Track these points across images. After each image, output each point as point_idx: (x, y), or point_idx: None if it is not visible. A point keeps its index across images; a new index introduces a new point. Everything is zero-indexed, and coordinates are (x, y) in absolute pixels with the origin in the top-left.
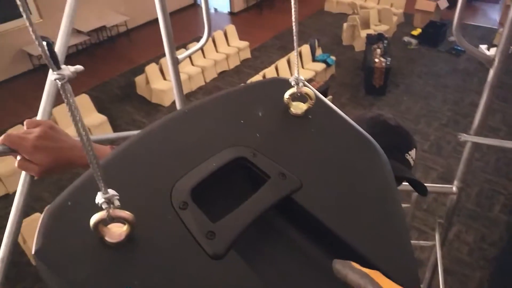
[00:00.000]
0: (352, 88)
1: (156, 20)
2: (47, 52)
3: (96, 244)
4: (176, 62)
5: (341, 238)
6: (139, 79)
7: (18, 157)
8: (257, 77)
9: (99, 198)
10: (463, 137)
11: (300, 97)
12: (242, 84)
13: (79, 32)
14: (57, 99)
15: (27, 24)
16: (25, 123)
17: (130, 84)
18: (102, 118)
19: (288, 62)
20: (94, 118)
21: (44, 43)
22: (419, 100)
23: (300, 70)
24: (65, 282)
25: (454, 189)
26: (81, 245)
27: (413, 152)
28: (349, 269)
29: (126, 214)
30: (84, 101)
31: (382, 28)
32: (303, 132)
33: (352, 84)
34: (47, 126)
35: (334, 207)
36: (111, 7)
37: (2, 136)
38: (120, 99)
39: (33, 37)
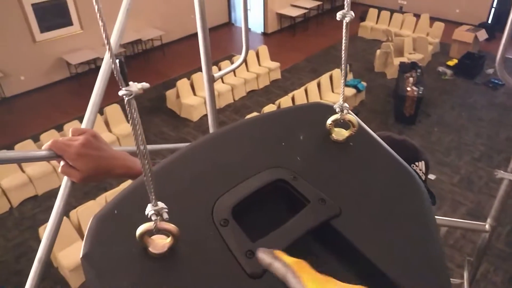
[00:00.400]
0: (381, 115)
1: (190, 36)
2: (118, 69)
3: (140, 254)
4: (211, 80)
5: (378, 267)
6: (170, 93)
7: (62, 163)
8: (286, 98)
9: (149, 210)
10: (500, 174)
11: (342, 123)
12: (285, 107)
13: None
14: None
15: (105, 42)
16: (70, 130)
17: (161, 97)
18: (130, 128)
19: (318, 85)
20: (123, 128)
21: (117, 60)
22: (450, 132)
23: (329, 94)
24: (108, 287)
25: (487, 227)
26: (125, 253)
27: (421, 165)
28: (273, 259)
29: (171, 227)
30: (115, 111)
31: (416, 56)
32: (344, 159)
33: (381, 111)
34: (91, 134)
35: (372, 235)
36: (148, 21)
37: (50, 142)
38: (150, 111)
39: (108, 55)
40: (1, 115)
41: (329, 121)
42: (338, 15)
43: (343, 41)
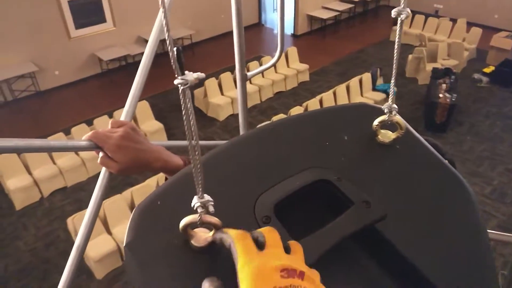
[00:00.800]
0: (411, 121)
1: (219, 36)
2: (175, 57)
3: (181, 245)
4: (244, 79)
5: (426, 276)
6: (198, 92)
7: (101, 154)
8: (314, 101)
9: (195, 202)
10: None
11: (388, 125)
12: (330, 106)
13: (146, 41)
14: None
15: (165, 31)
16: (110, 122)
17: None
18: (158, 125)
19: (348, 88)
20: (151, 125)
21: (174, 49)
22: (484, 142)
23: (358, 98)
24: (148, 276)
25: None
26: (167, 244)
27: None
28: (221, 233)
29: (216, 220)
30: (143, 108)
31: (451, 62)
32: (389, 161)
33: (411, 118)
34: (130, 127)
35: (419, 242)
36: (178, 20)
37: (91, 133)
38: (177, 109)
39: (167, 43)
40: (35, 108)
41: (375, 122)
42: (393, 12)
43: (396, 40)
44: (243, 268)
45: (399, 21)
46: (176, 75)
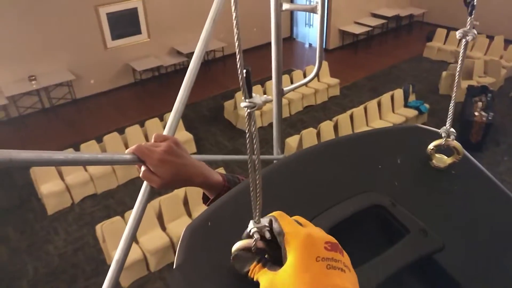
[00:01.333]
0: None
1: (251, 49)
2: (245, 79)
3: (230, 270)
4: (281, 93)
5: None
6: (228, 104)
7: (143, 168)
8: (344, 116)
9: (251, 227)
10: None
11: (444, 150)
12: (382, 127)
13: (179, 53)
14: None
15: (237, 51)
16: (153, 136)
17: (219, 107)
18: (188, 136)
19: (379, 104)
20: (181, 135)
21: (244, 70)
22: None
23: (390, 115)
24: None
25: None
26: (217, 268)
27: None
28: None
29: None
30: (155, 124)
31: (487, 80)
32: (445, 188)
33: None
34: (173, 141)
35: (480, 275)
36: (212, 32)
37: (134, 146)
38: (207, 120)
39: (238, 64)
40: (71, 115)
41: (431, 146)
42: (458, 34)
43: (459, 61)
44: (291, 238)
45: (463, 42)
46: (243, 98)
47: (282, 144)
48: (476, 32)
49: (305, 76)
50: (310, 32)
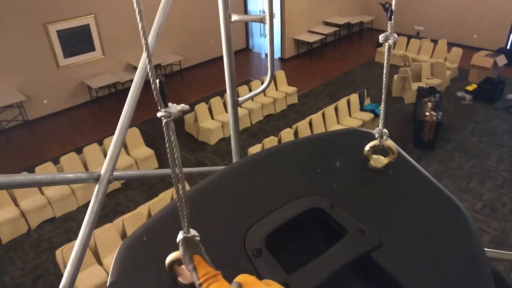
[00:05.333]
0: (400, 140)
1: (207, 62)
2: (158, 89)
3: (168, 283)
4: (236, 105)
5: None
6: (188, 117)
7: None
8: (303, 123)
9: (180, 237)
10: None
11: (380, 150)
12: (320, 132)
13: (135, 68)
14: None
15: (147, 62)
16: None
17: (179, 121)
18: (149, 151)
19: (336, 109)
20: (141, 151)
21: (157, 80)
22: (471, 158)
23: (347, 119)
24: None
25: None
26: (153, 283)
27: None
28: (192, 270)
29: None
30: (134, 134)
31: (434, 81)
32: (383, 187)
33: (400, 136)
34: None
35: (416, 269)
36: (168, 46)
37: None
38: None
39: (149, 74)
40: (23, 137)
41: (367, 148)
42: (381, 38)
43: (385, 64)
44: None
45: (386, 46)
46: (159, 107)
47: (244, 153)
48: (396, 36)
49: None
50: (265, 42)
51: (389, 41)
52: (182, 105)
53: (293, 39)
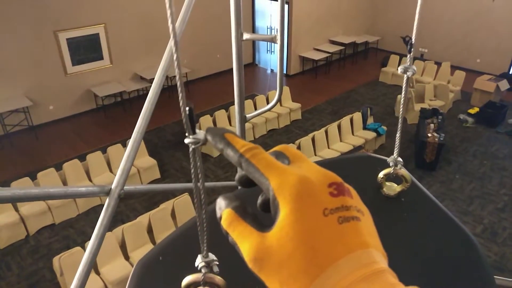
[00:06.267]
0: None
1: (214, 75)
2: (188, 116)
3: None
4: (244, 120)
5: None
6: None
7: None
8: (306, 139)
9: (199, 261)
10: None
11: (394, 178)
12: (332, 157)
13: (142, 78)
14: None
15: (179, 92)
16: None
17: (184, 132)
18: (152, 161)
19: (339, 127)
20: (144, 161)
21: (187, 108)
22: (472, 180)
23: (349, 137)
24: None
25: None
26: None
27: None
28: (225, 145)
29: (220, 280)
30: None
31: (437, 103)
32: (395, 215)
33: (402, 156)
34: None
35: None
36: (171, 58)
37: None
38: (172, 146)
39: (180, 102)
40: (27, 142)
41: (381, 175)
42: (400, 69)
43: (403, 94)
44: (279, 189)
45: (405, 78)
46: (187, 134)
47: None
48: (415, 69)
49: (267, 101)
50: (271, 58)
51: (408, 73)
52: None
53: (299, 56)
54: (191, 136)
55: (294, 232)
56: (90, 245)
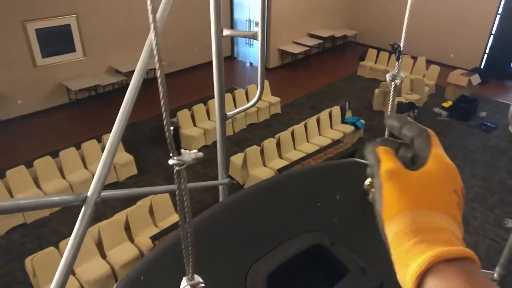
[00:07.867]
0: None
1: (192, 68)
2: (172, 136)
3: None
4: (224, 118)
5: None
6: None
7: None
8: (286, 133)
9: (184, 284)
10: (510, 223)
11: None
12: (319, 163)
13: (117, 72)
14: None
15: (162, 105)
16: None
17: (161, 127)
18: (128, 157)
19: (318, 121)
20: (120, 157)
21: (172, 128)
22: None
23: (328, 131)
24: None
25: (496, 276)
26: None
27: None
28: (404, 123)
29: None
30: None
31: (413, 97)
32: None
33: None
34: None
35: None
36: (151, 52)
37: None
38: (149, 141)
39: (164, 121)
40: None
41: (367, 182)
42: (388, 77)
43: (390, 102)
44: (439, 155)
45: (392, 85)
46: (171, 155)
47: (227, 163)
48: (403, 76)
49: (247, 95)
50: (250, 51)
51: (396, 81)
52: (197, 152)
53: (278, 49)
54: (175, 158)
55: (429, 176)
56: (65, 256)
